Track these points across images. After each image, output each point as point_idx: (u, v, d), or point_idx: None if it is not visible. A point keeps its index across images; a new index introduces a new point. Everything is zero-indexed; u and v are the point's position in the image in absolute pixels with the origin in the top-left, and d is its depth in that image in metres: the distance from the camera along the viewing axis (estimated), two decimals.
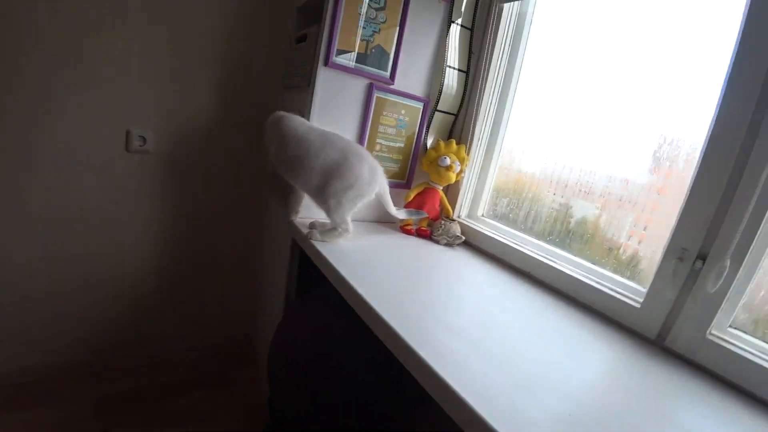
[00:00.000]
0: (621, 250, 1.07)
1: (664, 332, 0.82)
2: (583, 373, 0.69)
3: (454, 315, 0.80)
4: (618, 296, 0.91)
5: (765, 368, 0.69)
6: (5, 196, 1.20)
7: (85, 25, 1.17)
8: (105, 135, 1.27)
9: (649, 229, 1.06)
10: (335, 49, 1.07)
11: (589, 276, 0.98)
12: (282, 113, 1.06)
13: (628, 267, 1.03)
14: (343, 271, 0.86)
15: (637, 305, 0.87)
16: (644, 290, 0.90)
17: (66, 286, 1.34)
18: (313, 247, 0.99)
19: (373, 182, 1.03)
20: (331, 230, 1.03)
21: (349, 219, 1.03)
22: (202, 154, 1.45)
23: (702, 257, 0.78)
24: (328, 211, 1.01)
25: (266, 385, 1.41)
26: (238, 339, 1.75)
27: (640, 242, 1.06)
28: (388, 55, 1.15)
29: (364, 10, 1.07)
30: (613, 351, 0.80)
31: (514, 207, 1.27)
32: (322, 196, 1.01)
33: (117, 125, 1.28)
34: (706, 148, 0.79)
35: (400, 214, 1.16)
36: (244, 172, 1.54)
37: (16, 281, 1.27)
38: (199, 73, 1.36)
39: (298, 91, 1.23)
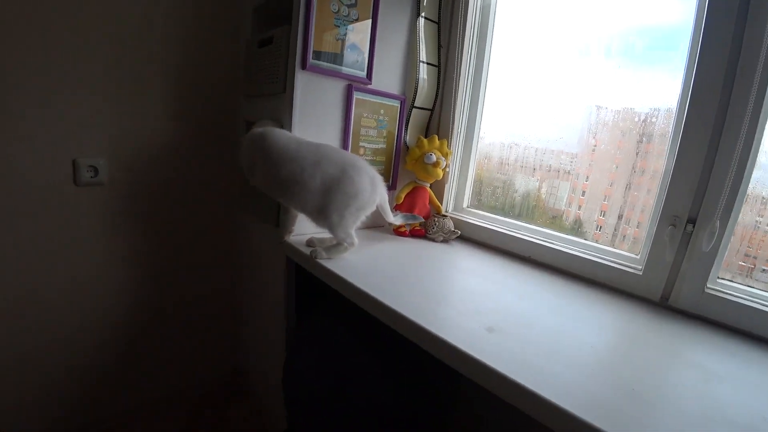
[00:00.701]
0: (563, 217, 1.19)
1: (667, 293, 0.90)
2: (601, 337, 0.77)
3: (477, 306, 0.81)
4: (619, 267, 0.98)
5: (758, 310, 0.80)
6: None
7: (10, 39, 0.97)
8: (47, 169, 1.07)
9: (586, 195, 1.17)
10: (311, 51, 0.99)
11: (587, 252, 1.04)
12: (262, 129, 0.97)
13: (574, 231, 1.15)
14: (364, 287, 0.82)
15: (639, 272, 0.94)
16: (637, 257, 0.98)
17: (15, 348, 1.12)
18: (320, 266, 0.93)
19: (375, 193, 0.98)
20: (336, 246, 0.97)
21: (353, 232, 0.98)
22: (165, 179, 1.28)
23: (692, 221, 0.87)
24: (332, 228, 0.95)
25: (269, 417, 1.32)
26: (225, 374, 1.61)
27: (580, 207, 1.17)
28: (363, 53, 1.10)
29: (336, 8, 1.01)
30: (624, 315, 0.87)
31: (492, 194, 1.31)
32: (323, 214, 0.94)
33: (61, 156, 1.09)
34: (686, 119, 0.86)
35: (397, 220, 1.12)
36: (213, 193, 1.40)
37: None
38: (151, 88, 1.20)
39: (271, 99, 1.14)
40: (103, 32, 1.09)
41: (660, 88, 0.99)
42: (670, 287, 0.90)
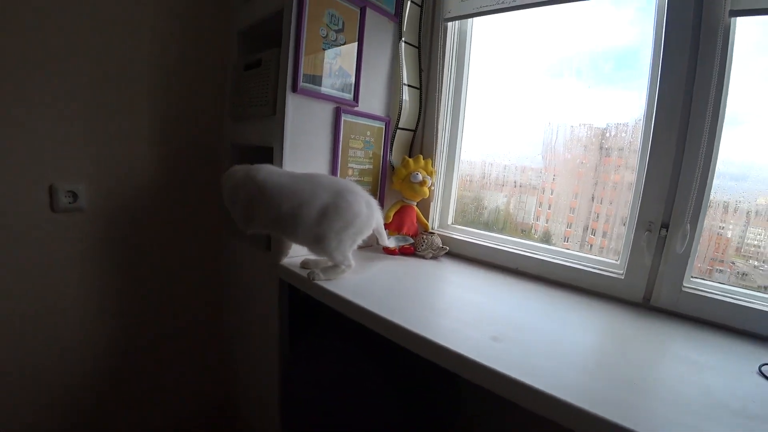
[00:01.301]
0: (532, 230, 1.27)
1: (648, 294, 0.97)
2: (595, 339, 0.83)
3: (477, 317, 0.84)
4: (602, 272, 1.03)
5: (730, 304, 0.87)
6: None
7: None
8: (21, 194, 1.00)
9: (552, 207, 1.25)
10: (301, 74, 1.01)
11: (572, 260, 1.09)
12: (243, 172, 0.95)
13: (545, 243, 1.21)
14: (368, 305, 0.83)
15: (621, 277, 1.00)
16: (617, 262, 1.05)
17: None
18: (318, 287, 0.93)
19: (371, 218, 0.99)
20: (333, 267, 0.97)
21: (350, 255, 0.98)
22: (149, 203, 1.23)
23: (665, 226, 0.94)
24: (330, 252, 0.94)
25: None
26: (214, 405, 1.53)
27: (548, 220, 1.25)
28: (350, 76, 1.13)
29: (325, 32, 1.04)
30: (612, 317, 0.93)
31: (474, 209, 1.36)
32: (320, 241, 0.93)
33: (36, 180, 1.02)
34: (654, 132, 0.94)
35: (391, 242, 1.14)
36: (200, 218, 1.36)
37: None
38: (134, 108, 1.16)
39: (259, 121, 1.14)
40: (86, 51, 1.06)
41: (618, 105, 1.09)
42: (650, 288, 0.97)
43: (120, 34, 1.11)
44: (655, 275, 0.96)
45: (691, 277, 0.94)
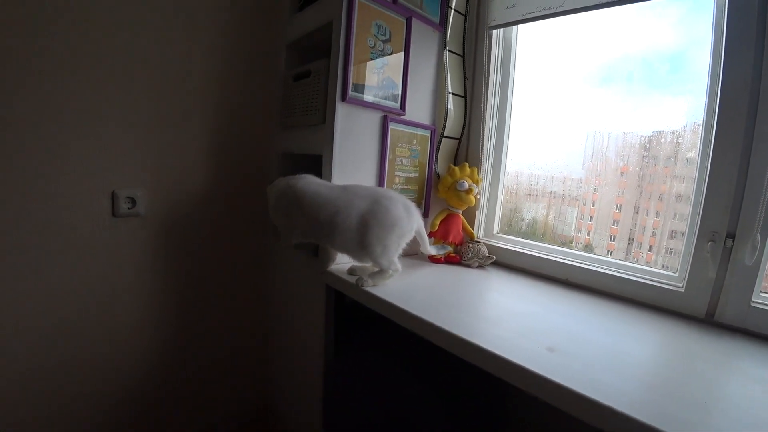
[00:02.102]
0: (573, 243, 1.22)
1: (712, 309, 0.91)
2: (657, 354, 0.79)
3: (530, 327, 0.81)
4: (659, 285, 0.98)
5: None
6: None
7: (52, 71, 0.99)
8: (85, 201, 1.07)
9: (595, 219, 1.20)
10: (351, 84, 1.04)
11: (625, 272, 1.05)
12: (284, 183, 0.99)
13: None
14: (417, 312, 0.82)
15: (681, 290, 0.95)
16: (676, 275, 0.99)
17: (47, 377, 1.08)
18: (367, 293, 0.93)
19: (411, 221, 0.99)
20: (381, 272, 0.97)
21: (396, 260, 0.98)
22: (202, 210, 1.29)
23: (731, 236, 0.88)
24: (376, 258, 0.95)
25: None
26: (255, 412, 1.56)
27: (589, 232, 1.20)
28: (397, 85, 1.15)
29: (372, 43, 1.07)
30: (673, 333, 0.87)
31: (520, 219, 1.33)
32: (365, 249, 0.94)
33: (99, 187, 1.09)
34: (716, 134, 0.89)
35: (432, 250, 1.13)
36: (249, 223, 1.41)
37: None
38: (190, 120, 1.22)
39: (308, 130, 1.17)
40: (146, 66, 1.12)
41: (666, 111, 1.05)
42: (714, 303, 0.90)
43: (178, 49, 1.18)
44: (719, 289, 0.90)
45: (761, 291, 0.88)
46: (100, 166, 1.09)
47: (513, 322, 0.83)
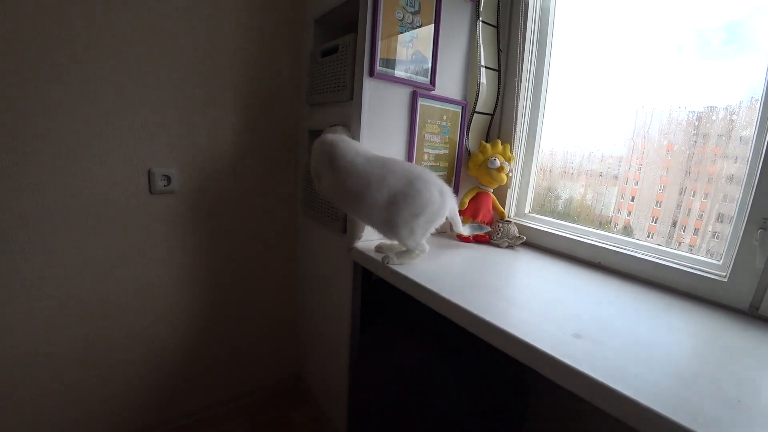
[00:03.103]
0: (612, 223, 1.16)
1: (757, 301, 0.85)
2: (692, 347, 0.74)
3: (558, 311, 0.79)
4: (699, 273, 0.92)
5: None
6: (22, 256, 1.03)
7: (90, 56, 1.03)
8: (124, 179, 1.13)
9: (636, 199, 1.13)
10: (378, 58, 1.01)
11: (663, 257, 0.99)
12: (332, 137, 0.98)
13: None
14: (442, 291, 0.82)
15: (724, 279, 0.89)
16: (719, 263, 0.93)
17: (95, 348, 1.18)
18: (393, 271, 0.93)
19: (444, 206, 0.96)
20: (407, 252, 0.97)
21: (423, 241, 0.97)
22: (232, 187, 1.33)
23: None
24: (402, 239, 0.94)
25: (329, 423, 1.33)
26: (285, 380, 1.64)
27: (629, 213, 1.13)
28: (427, 59, 1.11)
29: (401, 15, 1.03)
30: (712, 324, 0.82)
31: (555, 198, 1.28)
32: (391, 228, 0.93)
33: (137, 166, 1.14)
34: None
35: (466, 230, 1.11)
36: (278, 200, 1.44)
37: (35, 342, 1.09)
38: (220, 99, 1.25)
39: (336, 106, 1.16)
40: (175, 49, 1.15)
41: (720, 86, 0.95)
42: (760, 295, 0.84)
43: (206, 30, 1.19)
44: (767, 280, 0.85)
45: None
46: (136, 146, 1.14)
47: (540, 306, 0.81)
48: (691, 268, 0.95)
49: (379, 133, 1.07)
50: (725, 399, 0.55)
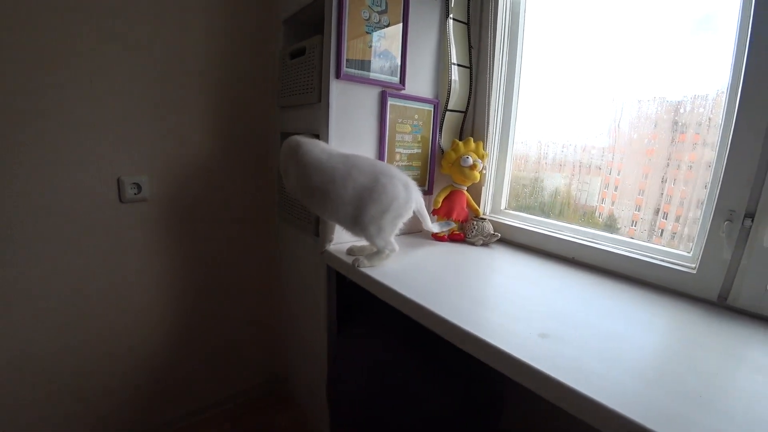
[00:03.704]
0: (596, 213, 1.17)
1: (725, 292, 0.86)
2: (659, 340, 0.74)
3: (527, 311, 0.79)
4: (670, 266, 0.93)
5: None
6: None
7: (52, 62, 1.01)
8: (92, 187, 1.11)
9: (619, 189, 1.13)
10: (345, 60, 1.00)
11: (635, 251, 1.00)
12: (297, 139, 0.98)
13: (609, 227, 1.12)
14: (410, 294, 0.82)
15: (693, 271, 0.90)
16: (689, 255, 0.94)
17: (67, 361, 1.16)
18: (363, 274, 0.93)
19: (410, 200, 0.97)
20: (377, 253, 0.97)
21: (392, 239, 0.97)
22: (207, 192, 1.31)
23: (750, 215, 0.82)
24: (370, 238, 0.94)
25: (311, 424, 1.32)
26: (266, 383, 1.63)
27: (613, 202, 1.14)
28: (395, 58, 1.10)
29: (367, 15, 1.02)
30: (681, 316, 0.83)
31: (530, 193, 1.28)
32: (358, 225, 0.94)
33: (105, 174, 1.12)
34: (740, 104, 0.81)
35: (435, 227, 1.12)
36: (253, 205, 1.43)
37: (8, 356, 1.07)
38: (190, 103, 1.22)
39: (306, 109, 1.15)
40: (142, 52, 1.12)
41: (696, 75, 0.96)
42: (728, 286, 0.85)
43: (173, 33, 1.16)
44: (734, 271, 0.84)
45: None
46: (104, 153, 1.11)
47: (511, 305, 0.82)
48: (662, 261, 0.96)
49: (348, 135, 1.06)
50: (688, 395, 0.55)
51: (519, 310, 0.79)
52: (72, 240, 1.11)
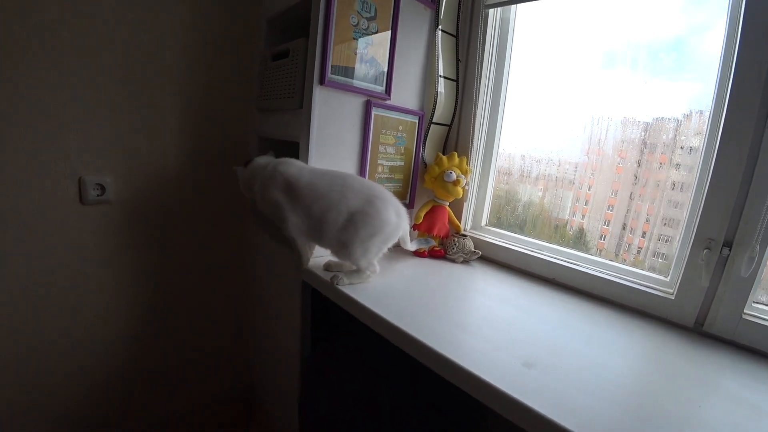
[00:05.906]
0: (567, 226, 1.19)
1: (701, 318, 0.87)
2: (639, 368, 0.75)
3: (509, 336, 0.77)
4: (649, 290, 0.94)
5: None
6: None
7: (16, 50, 0.92)
8: (51, 188, 1.02)
9: (590, 203, 1.16)
10: (330, 66, 0.96)
11: (614, 274, 1.00)
12: (273, 162, 0.93)
13: (578, 241, 1.15)
14: (388, 316, 0.78)
15: (671, 296, 0.91)
16: (667, 280, 0.95)
17: (18, 374, 1.06)
18: (340, 292, 0.88)
19: (399, 226, 0.94)
20: (358, 272, 0.93)
21: (375, 261, 0.93)
22: (177, 196, 1.24)
23: (728, 244, 0.83)
24: (355, 260, 0.90)
25: None
26: (237, 396, 1.55)
27: (584, 216, 1.16)
28: (382, 67, 1.06)
29: (355, 20, 0.98)
30: (658, 342, 0.84)
31: (506, 202, 1.29)
32: (345, 248, 0.89)
33: (65, 174, 1.04)
34: (720, 142, 0.83)
35: (413, 246, 1.09)
36: (226, 211, 1.35)
37: None
38: (162, 101, 1.15)
39: (286, 114, 1.09)
40: (111, 45, 1.05)
41: (667, 98, 0.99)
42: (705, 312, 0.86)
43: (145, 25, 1.09)
44: (711, 298, 0.85)
45: (753, 302, 0.84)
46: (65, 150, 1.03)
47: (492, 330, 0.79)
48: (641, 285, 0.96)
49: (330, 144, 1.02)
50: (664, 425, 0.55)
51: (501, 335, 0.77)
52: (27, 243, 1.02)
